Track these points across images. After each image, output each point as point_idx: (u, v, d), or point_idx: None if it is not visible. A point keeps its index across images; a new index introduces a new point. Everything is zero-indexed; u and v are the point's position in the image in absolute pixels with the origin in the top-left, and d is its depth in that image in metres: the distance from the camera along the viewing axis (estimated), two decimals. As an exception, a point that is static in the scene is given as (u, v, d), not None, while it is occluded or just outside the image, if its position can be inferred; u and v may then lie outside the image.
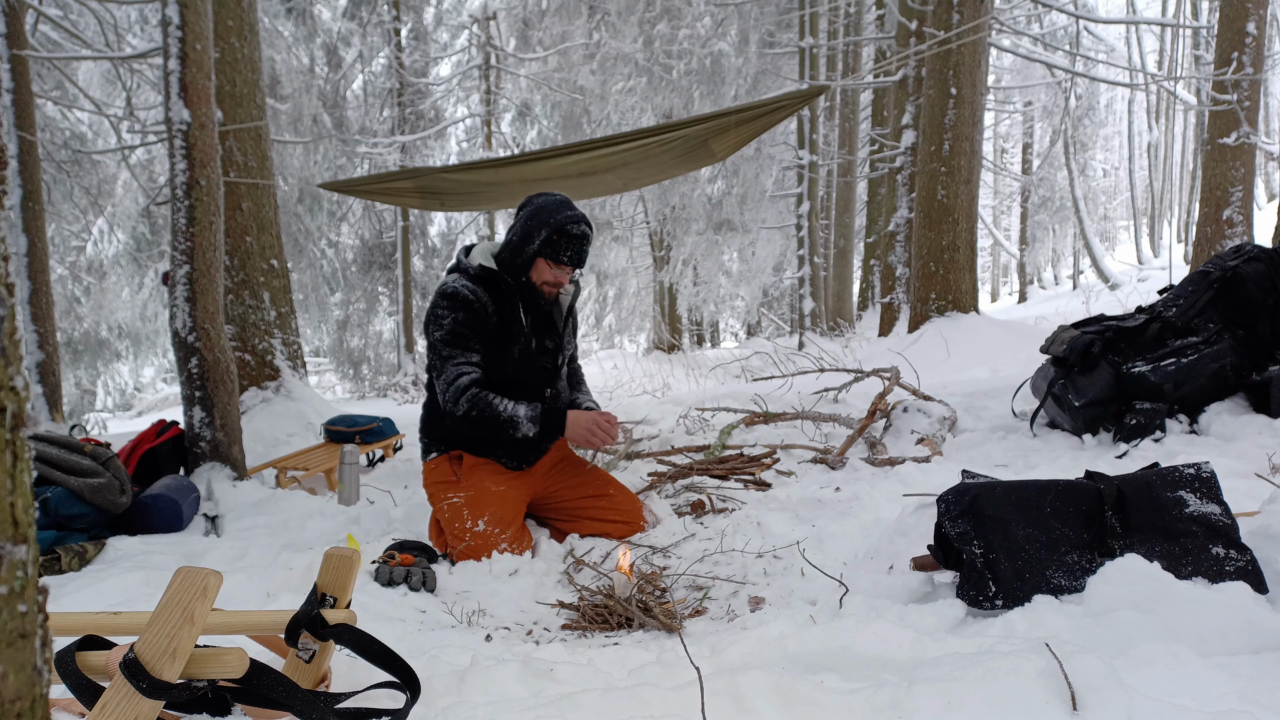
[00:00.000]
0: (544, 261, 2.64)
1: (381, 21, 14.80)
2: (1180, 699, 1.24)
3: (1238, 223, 7.65)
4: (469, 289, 2.62)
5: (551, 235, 2.59)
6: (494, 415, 2.57)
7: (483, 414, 2.57)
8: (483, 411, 2.57)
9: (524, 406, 2.59)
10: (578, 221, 2.61)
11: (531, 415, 2.58)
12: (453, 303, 2.61)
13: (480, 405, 2.57)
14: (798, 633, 1.60)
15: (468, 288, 2.62)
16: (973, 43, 7.08)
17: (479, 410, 2.57)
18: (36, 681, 0.68)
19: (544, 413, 2.61)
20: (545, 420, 2.61)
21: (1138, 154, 25.68)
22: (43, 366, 6.50)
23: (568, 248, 2.61)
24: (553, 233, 2.59)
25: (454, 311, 2.61)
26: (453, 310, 2.61)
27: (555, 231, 2.59)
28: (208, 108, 3.81)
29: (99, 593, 2.29)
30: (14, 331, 0.66)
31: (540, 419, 2.60)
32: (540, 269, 2.65)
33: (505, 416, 2.57)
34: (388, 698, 1.37)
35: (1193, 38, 18.28)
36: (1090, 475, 1.81)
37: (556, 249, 2.61)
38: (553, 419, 2.62)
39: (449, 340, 2.61)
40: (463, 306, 2.60)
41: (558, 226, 2.58)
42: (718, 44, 14.80)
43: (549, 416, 2.61)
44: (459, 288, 2.62)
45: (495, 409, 2.57)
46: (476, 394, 2.58)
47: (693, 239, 16.10)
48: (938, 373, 5.64)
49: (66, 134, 10.93)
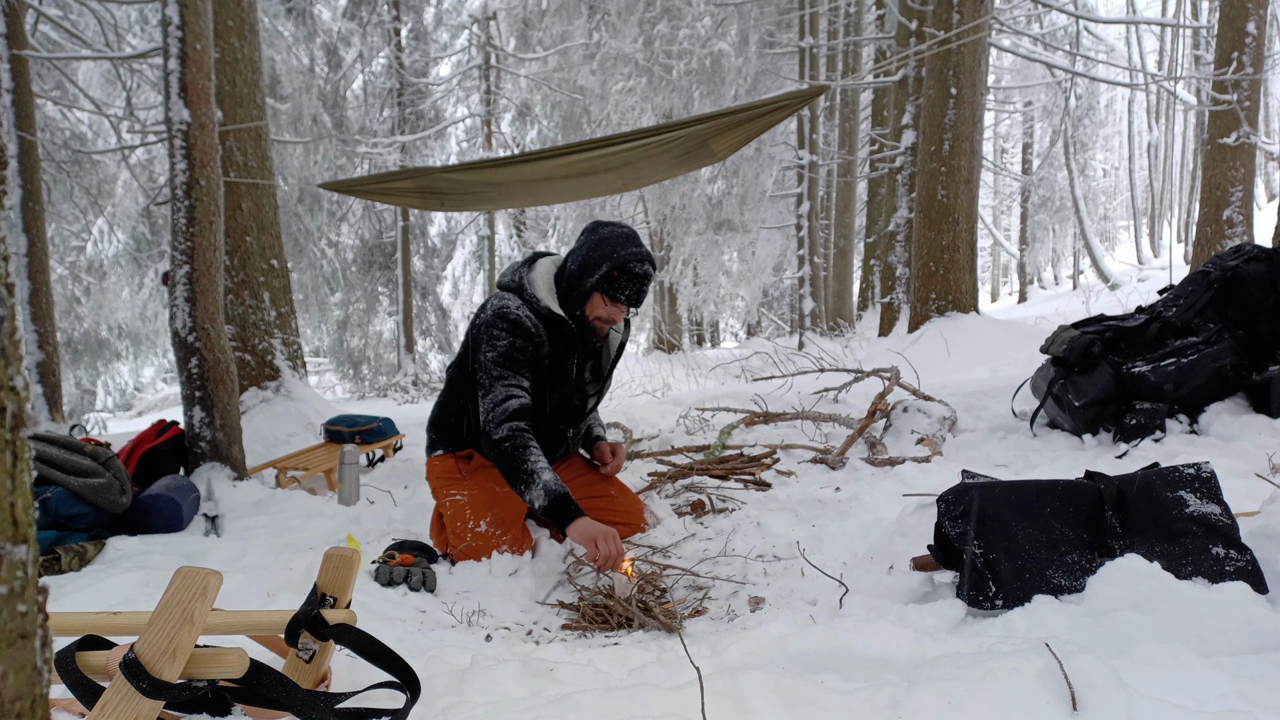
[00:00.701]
0: (600, 297, 2.51)
1: (381, 21, 14.81)
2: (1180, 699, 1.24)
3: (1238, 223, 7.65)
4: (532, 321, 2.51)
5: (612, 271, 2.46)
6: (518, 462, 2.39)
7: (512, 453, 2.40)
8: (514, 450, 2.40)
9: (550, 475, 2.37)
10: (641, 260, 2.47)
11: (548, 490, 2.34)
12: (514, 329, 2.49)
13: (517, 444, 2.40)
14: (798, 633, 1.60)
15: (530, 320, 2.51)
16: (973, 43, 7.08)
17: (512, 445, 2.40)
18: (36, 681, 0.68)
19: (559, 499, 2.34)
20: (556, 507, 2.34)
21: (1138, 154, 25.68)
22: (43, 366, 6.50)
23: (627, 286, 2.49)
24: (614, 268, 2.46)
25: (513, 336, 2.49)
26: (511, 335, 2.49)
27: (617, 268, 2.46)
28: (208, 108, 3.81)
29: (99, 593, 2.29)
30: (14, 331, 0.66)
31: (552, 501, 2.33)
32: (595, 304, 2.53)
33: (526, 470, 2.38)
34: (388, 698, 1.37)
35: (1193, 38, 18.28)
36: (1090, 475, 1.81)
37: (615, 286, 2.48)
38: (563, 512, 2.33)
39: (503, 361, 2.48)
40: (522, 335, 2.49)
41: (620, 263, 2.45)
42: (718, 44, 14.81)
43: (562, 506, 2.33)
44: (523, 317, 2.50)
45: (527, 456, 2.39)
46: (520, 429, 2.42)
47: (693, 239, 16.10)
48: (938, 373, 5.64)
49: (66, 134, 10.93)
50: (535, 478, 2.37)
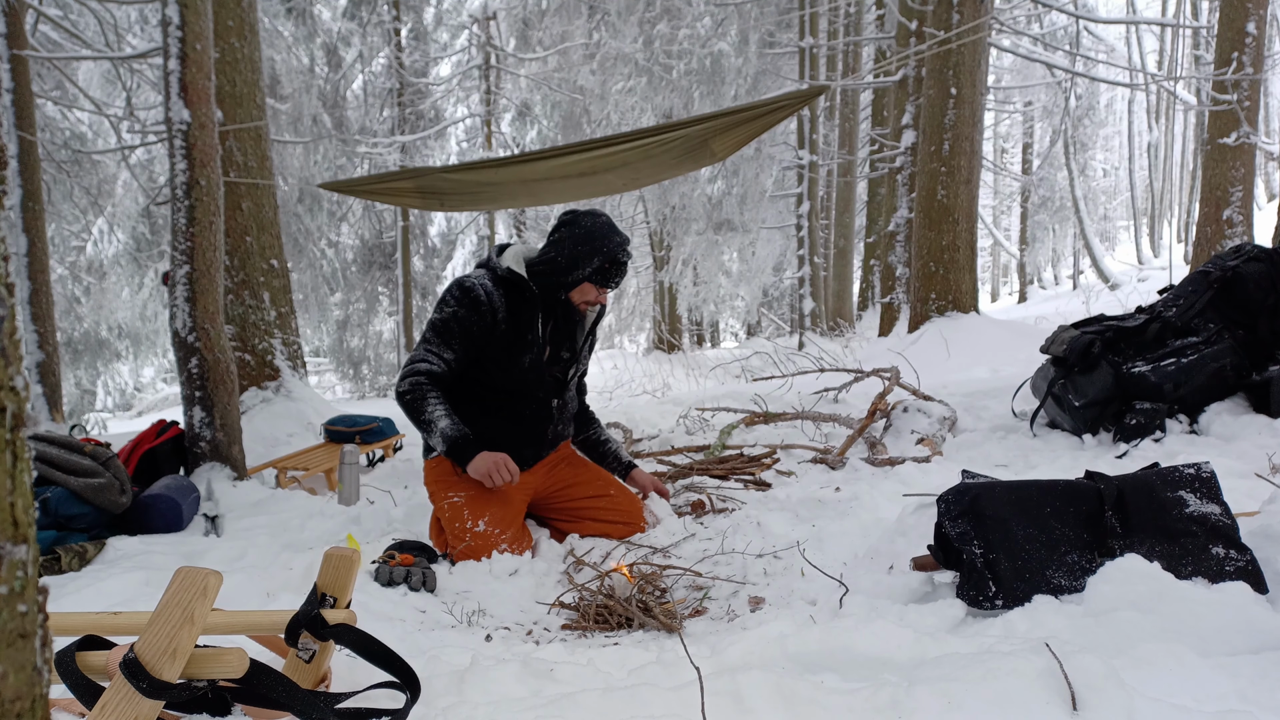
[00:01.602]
0: (591, 286, 2.69)
1: (381, 21, 14.81)
2: (1180, 699, 1.24)
3: (1238, 223, 7.65)
4: (485, 290, 2.61)
5: (604, 264, 2.64)
6: (419, 410, 2.57)
7: (413, 403, 2.58)
8: (415, 400, 2.58)
9: (447, 421, 2.55)
10: (626, 248, 2.68)
11: (445, 434, 2.53)
12: (463, 297, 2.61)
13: (416, 394, 2.58)
14: (798, 633, 1.60)
15: (484, 287, 2.61)
16: (973, 43, 7.08)
17: (413, 397, 2.58)
18: (36, 681, 0.68)
19: (456, 441, 2.54)
20: (455, 448, 2.54)
21: (1138, 154, 25.68)
22: (43, 366, 6.50)
23: (616, 275, 2.69)
24: (605, 261, 2.64)
25: (459, 306, 2.61)
26: (458, 305, 2.61)
27: (608, 260, 2.64)
28: (208, 108, 3.81)
29: (99, 593, 2.29)
30: (14, 331, 0.66)
31: (451, 444, 2.54)
32: (585, 291, 2.70)
33: (425, 418, 2.56)
34: (388, 698, 1.37)
35: (1193, 38, 18.28)
36: (1090, 475, 1.81)
37: (606, 276, 2.67)
38: (462, 452, 2.54)
39: (437, 327, 2.63)
40: (470, 305, 2.60)
41: (610, 256, 2.64)
42: (718, 44, 14.80)
43: (460, 447, 2.54)
44: (475, 284, 2.62)
45: (424, 404, 2.57)
46: (419, 382, 2.59)
47: (693, 239, 16.10)
48: (938, 373, 5.64)
49: (66, 134, 10.93)
50: (434, 425, 2.55)
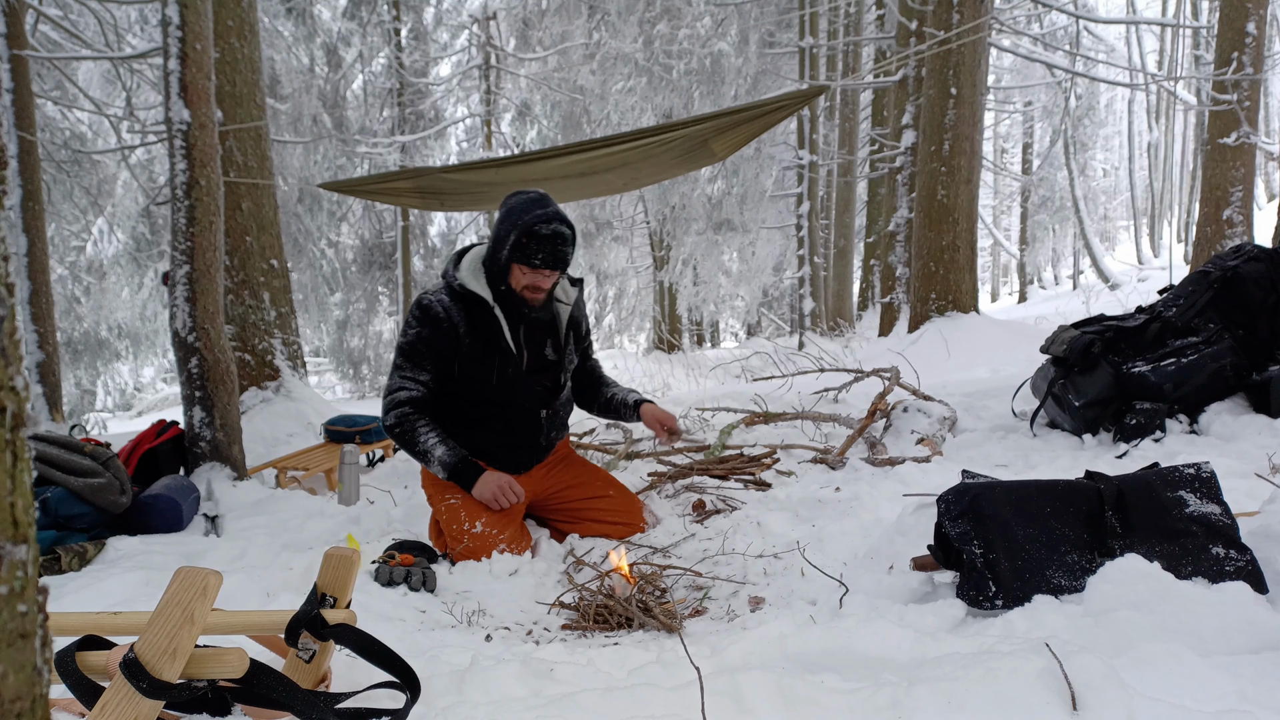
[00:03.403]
0: (517, 267, 2.50)
1: (381, 21, 14.81)
2: (1180, 699, 1.24)
3: (1238, 223, 7.65)
4: (442, 306, 2.55)
5: (520, 238, 2.44)
6: (412, 442, 2.56)
7: (404, 436, 2.56)
8: (405, 433, 2.56)
9: (443, 449, 2.53)
10: (548, 220, 2.43)
11: (444, 462, 2.53)
12: (422, 317, 2.56)
13: (405, 426, 2.56)
14: (798, 633, 1.60)
15: (441, 304, 2.55)
16: (973, 43, 7.08)
17: (403, 430, 2.56)
18: (36, 681, 0.68)
19: (456, 466, 2.53)
20: (457, 473, 2.54)
21: (1138, 154, 25.68)
22: (43, 366, 6.50)
23: (539, 250, 2.45)
24: (521, 235, 2.44)
25: (420, 326, 2.56)
26: (419, 324, 2.56)
27: (524, 234, 2.44)
28: (208, 108, 3.81)
29: (99, 593, 2.29)
30: (14, 331, 0.66)
31: (451, 470, 2.53)
32: (516, 275, 2.52)
33: (420, 449, 2.55)
34: (388, 698, 1.37)
35: (1193, 38, 18.27)
36: (1090, 475, 1.81)
37: (527, 253, 2.46)
38: (464, 476, 2.53)
39: (404, 351, 2.58)
40: (429, 323, 2.54)
41: (525, 228, 2.43)
42: (718, 44, 14.81)
43: (461, 471, 2.53)
44: (433, 302, 2.56)
45: (416, 436, 2.55)
46: (406, 414, 2.56)
47: (693, 239, 16.09)
48: (938, 373, 5.64)
49: (66, 134, 10.93)
50: (430, 454, 2.54)
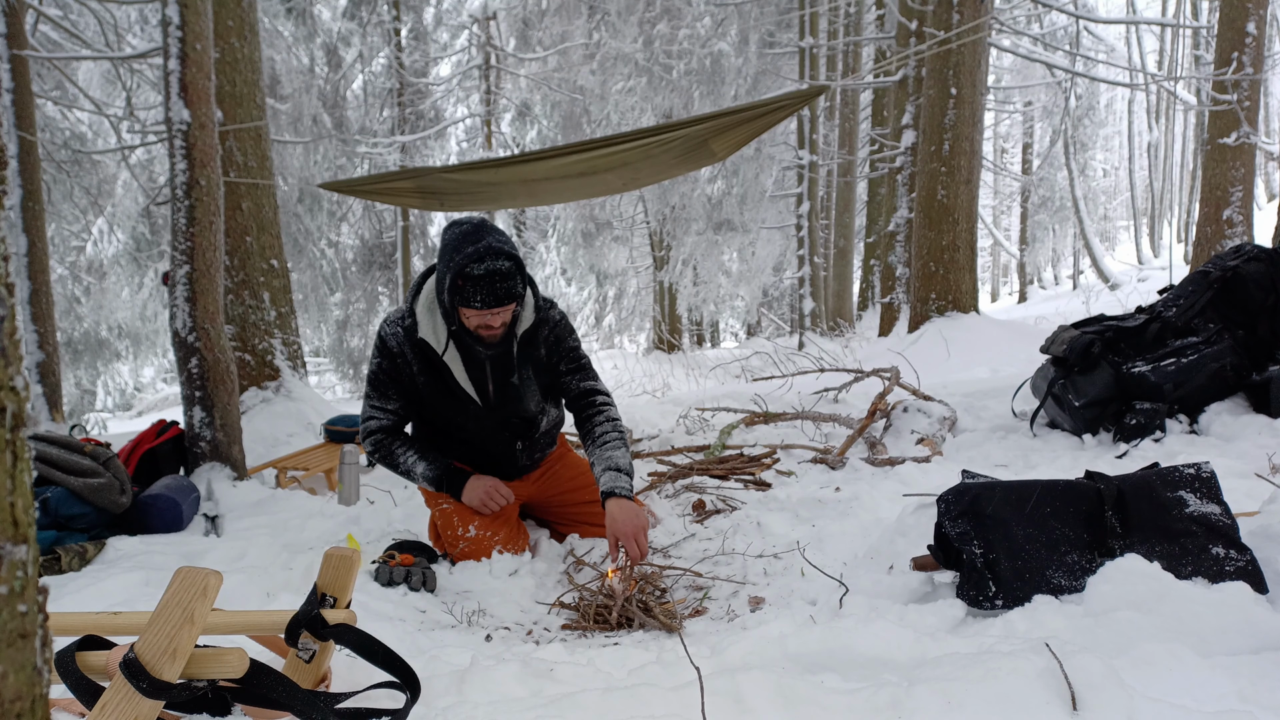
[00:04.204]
0: (461, 310, 2.31)
1: (381, 21, 14.81)
2: (1180, 699, 1.24)
3: (1238, 223, 7.65)
4: (395, 340, 2.48)
5: (456, 281, 2.24)
6: (394, 464, 2.61)
7: (385, 460, 2.62)
8: (385, 458, 2.61)
9: (423, 465, 2.57)
10: (480, 258, 2.20)
11: (428, 475, 2.57)
12: (381, 349, 2.52)
13: (382, 452, 2.61)
14: (798, 633, 1.60)
15: (395, 337, 2.48)
16: (973, 43, 7.08)
17: (381, 456, 2.61)
18: (36, 681, 0.68)
19: (439, 478, 2.57)
20: (442, 482, 2.58)
21: (1138, 154, 25.68)
22: (43, 366, 6.50)
23: (476, 292, 2.23)
24: (456, 278, 2.23)
25: (379, 357, 2.53)
26: (378, 355, 2.53)
27: (458, 276, 2.23)
28: (208, 108, 3.81)
29: (99, 593, 2.29)
30: (14, 331, 0.66)
31: (436, 483, 2.57)
32: (465, 315, 2.32)
33: (402, 469, 2.60)
34: (388, 698, 1.37)
35: (1193, 38, 18.27)
36: (1090, 475, 1.81)
37: (466, 296, 2.25)
38: (451, 485, 2.57)
39: (371, 381, 2.58)
40: (386, 356, 2.51)
41: (458, 270, 2.22)
42: (718, 44, 14.81)
43: (447, 482, 2.57)
44: (388, 335, 2.49)
45: (395, 459, 2.60)
46: (380, 440, 2.60)
47: (693, 239, 16.10)
48: (938, 373, 5.64)
49: (66, 134, 10.93)
50: (413, 472, 2.58)
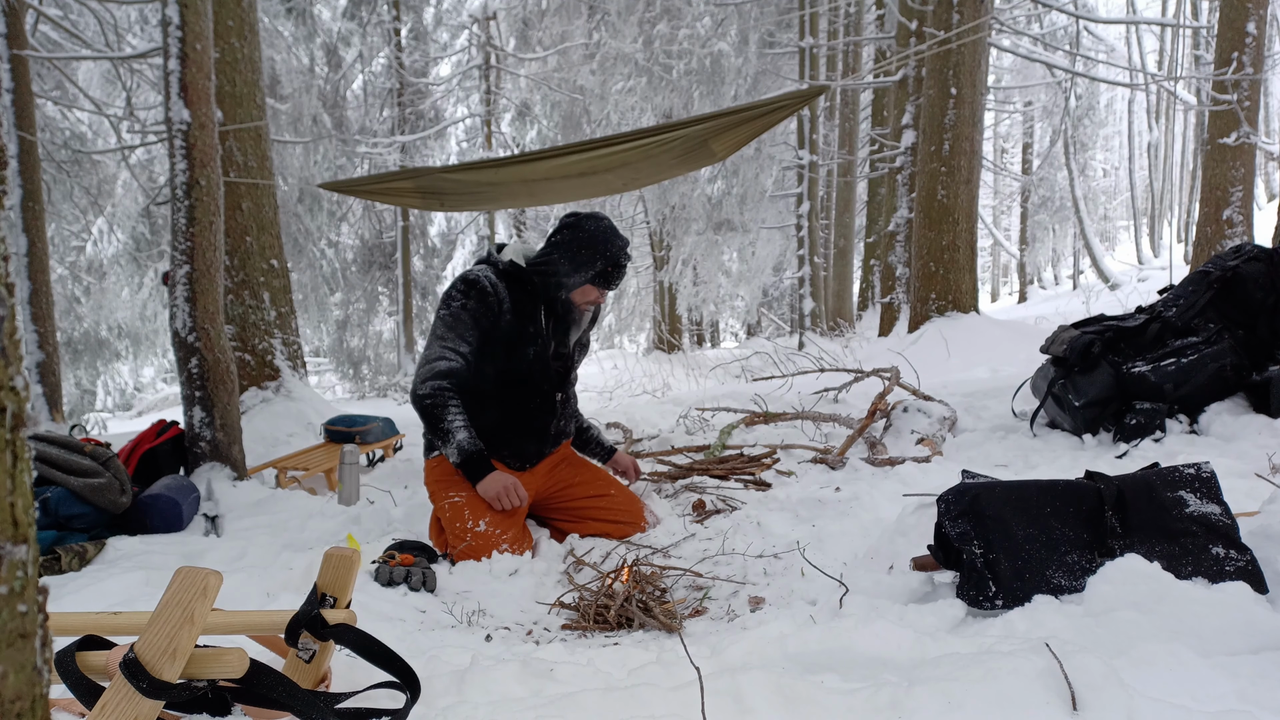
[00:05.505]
0: (593, 288, 2.73)
1: (381, 21, 14.81)
2: (1180, 699, 1.24)
3: (1238, 223, 7.65)
4: (490, 280, 2.64)
5: (607, 268, 2.68)
6: (439, 417, 2.57)
7: (433, 409, 2.58)
8: (436, 406, 2.58)
9: (465, 434, 2.56)
10: (627, 251, 2.72)
11: (461, 448, 2.56)
12: (468, 289, 2.62)
13: (437, 400, 2.58)
14: (798, 633, 1.60)
15: (489, 279, 2.64)
16: (973, 43, 7.08)
17: (435, 402, 2.58)
18: (36, 681, 0.68)
19: (471, 457, 2.56)
20: (469, 464, 2.57)
21: (1138, 154, 25.67)
22: (43, 366, 6.50)
23: (617, 277, 2.73)
24: (608, 265, 2.68)
25: (466, 297, 2.62)
26: (465, 296, 2.62)
27: (610, 264, 2.68)
28: (208, 108, 3.81)
29: (99, 593, 2.29)
30: (14, 331, 0.66)
31: (465, 459, 2.56)
32: (586, 292, 2.73)
33: (444, 427, 2.57)
34: (388, 698, 1.37)
35: (1193, 38, 18.27)
36: (1090, 475, 1.81)
37: (608, 279, 2.71)
38: (475, 469, 2.58)
39: (449, 322, 2.63)
40: (477, 295, 2.61)
41: (613, 260, 2.68)
42: (718, 44, 14.79)
43: (474, 464, 2.57)
44: (480, 276, 2.64)
45: (445, 412, 2.57)
46: (441, 388, 2.59)
47: (692, 239, 16.08)
48: (938, 373, 5.64)
49: (66, 134, 10.92)
50: (451, 436, 2.57)
